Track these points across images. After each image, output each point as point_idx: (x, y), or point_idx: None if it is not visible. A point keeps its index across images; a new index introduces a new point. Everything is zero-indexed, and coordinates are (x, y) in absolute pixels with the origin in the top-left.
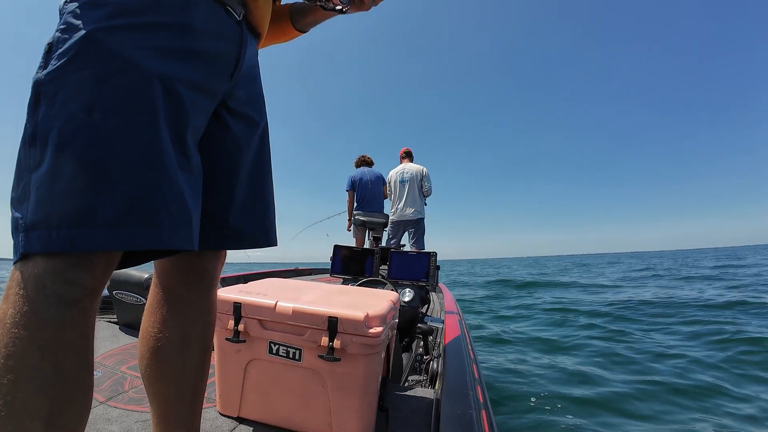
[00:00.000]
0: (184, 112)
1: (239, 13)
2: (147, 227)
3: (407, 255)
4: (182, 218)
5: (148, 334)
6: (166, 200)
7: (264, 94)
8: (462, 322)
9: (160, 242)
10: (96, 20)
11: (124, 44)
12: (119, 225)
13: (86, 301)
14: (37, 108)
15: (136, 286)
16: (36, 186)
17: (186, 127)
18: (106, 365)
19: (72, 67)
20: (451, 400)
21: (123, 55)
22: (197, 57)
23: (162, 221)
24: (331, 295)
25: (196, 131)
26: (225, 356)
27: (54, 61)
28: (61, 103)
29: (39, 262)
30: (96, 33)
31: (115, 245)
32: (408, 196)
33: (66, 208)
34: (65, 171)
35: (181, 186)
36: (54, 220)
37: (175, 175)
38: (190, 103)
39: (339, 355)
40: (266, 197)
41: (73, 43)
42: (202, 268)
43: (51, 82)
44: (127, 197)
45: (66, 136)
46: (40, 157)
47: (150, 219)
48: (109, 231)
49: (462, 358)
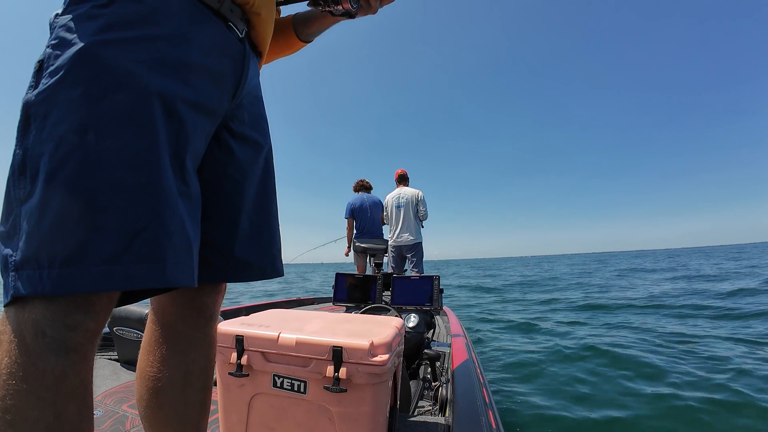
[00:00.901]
0: (184, 134)
1: (241, 30)
2: (148, 263)
3: (410, 280)
4: (185, 251)
5: (147, 374)
6: (168, 232)
7: (266, 114)
8: (469, 345)
9: (164, 280)
10: (91, 33)
11: (121, 58)
12: (117, 261)
13: (87, 344)
14: (27, 132)
15: (137, 322)
16: (26, 219)
17: (186, 149)
18: (106, 404)
19: (64, 85)
20: (463, 426)
21: (120, 70)
22: (197, 73)
23: (164, 256)
24: (334, 324)
25: (195, 155)
26: (228, 391)
27: (45, 79)
28: (51, 126)
29: (37, 306)
30: (90, 47)
31: (113, 285)
32: (404, 222)
33: (58, 245)
34: (56, 201)
35: (181, 215)
36: (44, 259)
37: (176, 202)
38: (191, 125)
39: (345, 386)
40: (272, 224)
41: (65, 59)
42: (201, 303)
43: (42, 103)
44: (125, 230)
45: (57, 162)
46: (31, 187)
47: (151, 254)
48: (106, 269)
49: (472, 382)
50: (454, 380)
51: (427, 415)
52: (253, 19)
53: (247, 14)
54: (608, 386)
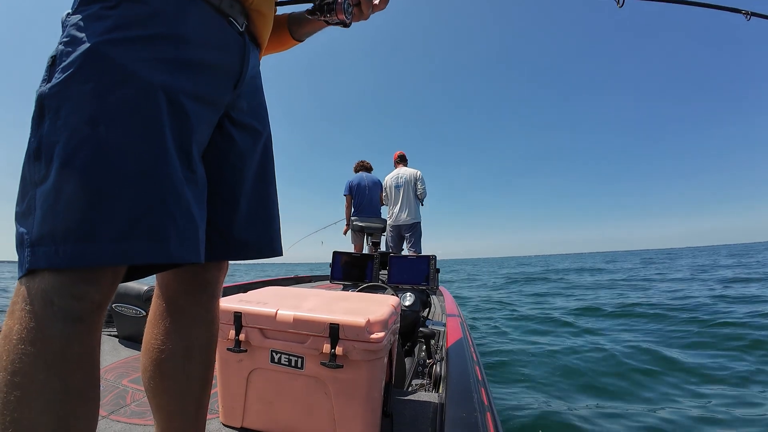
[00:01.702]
0: (189, 124)
1: (241, 24)
2: (153, 240)
3: (407, 259)
4: (189, 231)
5: (151, 346)
6: (172, 213)
7: (266, 102)
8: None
9: (168, 256)
10: (99, 33)
11: (127, 56)
12: (125, 238)
13: (93, 315)
14: (42, 122)
15: (135, 298)
16: (41, 201)
17: (190, 139)
18: (107, 379)
19: (76, 80)
20: (456, 403)
21: (127, 67)
22: (200, 68)
23: (169, 234)
24: (331, 301)
25: (200, 143)
26: (227, 366)
27: (58, 74)
28: (65, 117)
29: (46, 277)
30: (99, 46)
31: (122, 259)
32: (403, 201)
33: (72, 223)
34: (70, 185)
35: (187, 198)
36: (60, 235)
37: (182, 187)
38: (194, 115)
39: (341, 362)
40: (270, 207)
41: (77, 56)
42: (204, 279)
43: (55, 96)
44: (133, 210)
45: (71, 150)
46: (46, 171)
47: (156, 232)
48: (115, 245)
49: (465, 360)
50: (448, 358)
51: (422, 391)
52: (252, 14)
53: (247, 9)
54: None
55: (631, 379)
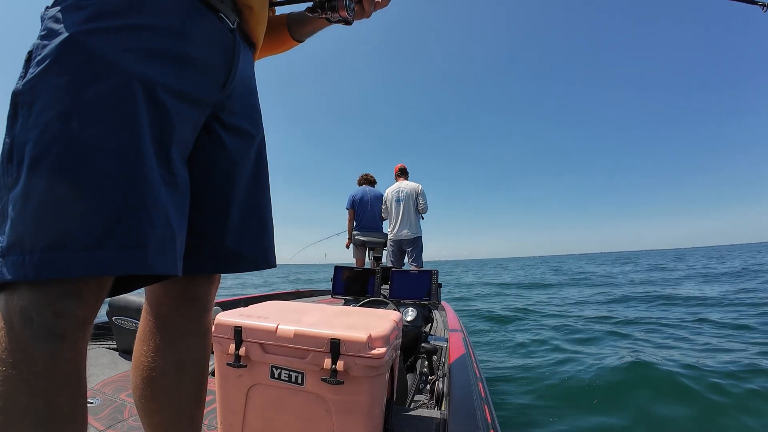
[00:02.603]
0: (169, 123)
1: (233, 21)
2: (129, 249)
3: (408, 274)
4: (168, 239)
5: (141, 364)
6: (150, 219)
7: (260, 106)
8: (466, 340)
9: (145, 266)
10: (77, 23)
11: (105, 47)
12: (98, 247)
13: (78, 332)
14: (15, 120)
15: (135, 311)
16: (12, 206)
17: (170, 139)
18: (105, 393)
19: (50, 73)
20: (458, 420)
21: (104, 58)
22: (183, 63)
23: (146, 242)
24: (332, 316)
25: (182, 145)
26: (226, 382)
27: (32, 68)
28: (37, 113)
29: (24, 292)
30: (76, 36)
31: (94, 270)
32: (404, 216)
33: (40, 230)
34: (39, 187)
35: (164, 203)
36: (27, 244)
37: (159, 190)
38: (175, 114)
39: (342, 378)
40: (264, 215)
41: (52, 48)
42: (195, 293)
43: (28, 91)
44: (107, 215)
45: (41, 149)
46: (17, 174)
47: (133, 240)
48: (87, 254)
49: (468, 376)
50: (450, 374)
51: (424, 408)
52: (244, 11)
53: (239, 5)
54: None
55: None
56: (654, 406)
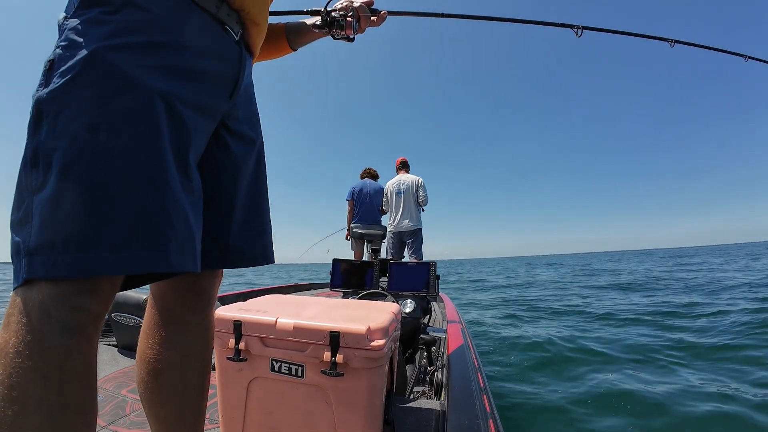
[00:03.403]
0: (186, 133)
1: (237, 33)
2: (154, 249)
3: (407, 266)
4: (187, 240)
5: (147, 356)
6: (172, 222)
7: (259, 112)
8: (465, 331)
9: (168, 265)
10: (100, 38)
11: (128, 63)
12: (126, 248)
13: (91, 326)
14: (39, 128)
15: (134, 307)
16: (39, 209)
17: (188, 147)
18: (106, 389)
19: (76, 86)
20: (457, 410)
21: (127, 73)
22: (198, 76)
23: (169, 243)
24: (331, 309)
25: (197, 152)
26: (227, 375)
27: (57, 78)
28: (64, 123)
29: (43, 288)
30: (100, 51)
31: (123, 269)
32: (404, 208)
33: (71, 232)
34: (70, 193)
35: (185, 206)
36: (59, 245)
37: (179, 195)
38: (192, 123)
39: (342, 370)
40: (263, 215)
41: (76, 61)
42: (200, 288)
43: (54, 101)
44: (133, 219)
45: (70, 158)
46: (44, 179)
47: (156, 241)
48: (116, 254)
49: (466, 367)
50: (449, 365)
51: (423, 399)
52: (248, 23)
53: (243, 19)
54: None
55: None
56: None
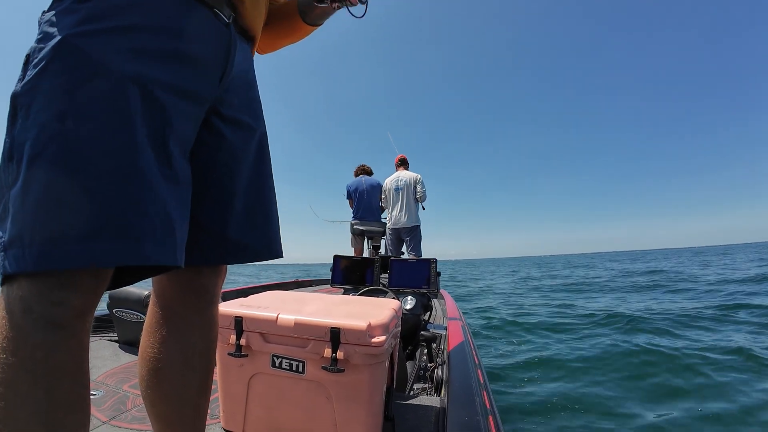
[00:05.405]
0: (166, 118)
1: (228, 16)
2: (124, 241)
3: (407, 263)
4: (165, 231)
5: (148, 355)
6: (146, 211)
7: (261, 99)
8: (465, 328)
9: (141, 257)
10: (71, 26)
11: (98, 48)
12: (94, 239)
13: (76, 322)
14: (14, 121)
15: (136, 303)
16: (12, 203)
17: (169, 134)
18: (107, 384)
19: (47, 76)
20: (458, 407)
21: (97, 59)
22: (179, 60)
23: (142, 234)
24: (332, 305)
25: (182, 139)
26: (228, 371)
27: (30, 71)
28: (34, 114)
29: (23, 283)
30: (70, 39)
31: (91, 261)
32: (402, 204)
33: (38, 224)
34: (37, 184)
35: (163, 196)
36: (27, 238)
37: (157, 184)
38: (173, 109)
39: (342, 366)
40: (267, 206)
41: (47, 50)
42: (202, 285)
43: (26, 93)
44: (102, 209)
45: (38, 147)
46: (17, 172)
47: (128, 232)
48: (83, 246)
49: (467, 364)
50: (449, 362)
51: (423, 395)
52: (238, 5)
53: (233, 2)
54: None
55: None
56: None
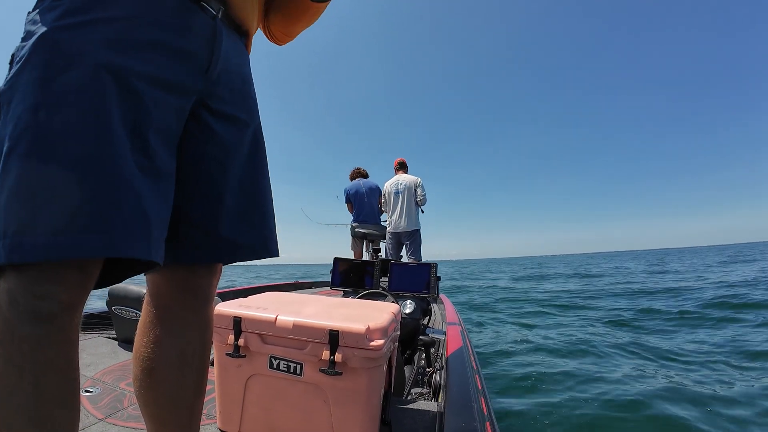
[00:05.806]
0: (144, 109)
1: (217, 9)
2: (94, 233)
3: (407, 266)
4: (138, 224)
5: (142, 354)
6: (118, 203)
7: (256, 94)
8: (464, 333)
9: (111, 250)
10: (50, 21)
11: (74, 40)
12: (63, 231)
13: (63, 317)
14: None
15: (135, 301)
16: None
17: (147, 125)
18: (105, 381)
19: (26, 71)
20: (455, 412)
21: (73, 50)
22: (157, 50)
23: (112, 227)
24: (331, 308)
25: (164, 131)
26: (225, 371)
27: (13, 68)
28: (13, 109)
29: (9, 276)
30: (49, 33)
31: (58, 254)
32: (402, 208)
33: (11, 216)
34: (11, 176)
35: (137, 189)
36: (1, 230)
37: (131, 176)
38: (151, 100)
39: (340, 369)
40: (262, 203)
41: (28, 47)
42: (196, 284)
43: (8, 90)
44: (71, 200)
45: (13, 140)
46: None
47: (97, 224)
48: (51, 238)
49: (465, 369)
50: (448, 367)
51: (421, 400)
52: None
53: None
54: None
55: None
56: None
